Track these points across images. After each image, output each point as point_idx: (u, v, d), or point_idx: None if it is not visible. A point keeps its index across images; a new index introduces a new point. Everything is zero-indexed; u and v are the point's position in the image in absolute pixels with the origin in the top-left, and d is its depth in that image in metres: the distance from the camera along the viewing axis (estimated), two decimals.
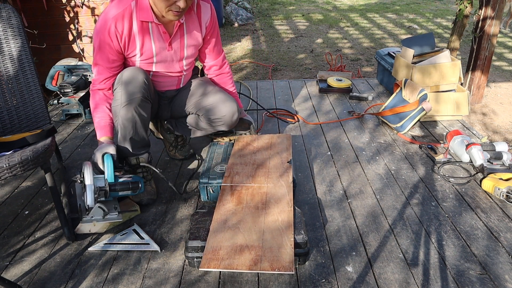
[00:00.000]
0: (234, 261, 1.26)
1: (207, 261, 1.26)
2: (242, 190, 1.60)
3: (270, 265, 1.24)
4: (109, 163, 1.50)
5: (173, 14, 1.51)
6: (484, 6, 3.00)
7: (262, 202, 1.52)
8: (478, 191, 1.80)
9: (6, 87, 1.67)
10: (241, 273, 1.35)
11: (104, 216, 1.46)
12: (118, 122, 1.60)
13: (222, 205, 1.52)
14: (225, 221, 1.43)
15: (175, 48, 1.70)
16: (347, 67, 4.50)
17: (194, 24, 1.71)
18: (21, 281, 1.34)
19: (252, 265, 1.24)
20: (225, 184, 1.64)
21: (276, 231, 1.37)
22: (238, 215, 1.46)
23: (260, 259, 1.26)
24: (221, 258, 1.27)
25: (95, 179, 1.45)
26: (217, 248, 1.31)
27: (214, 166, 1.77)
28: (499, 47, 5.33)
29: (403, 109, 2.33)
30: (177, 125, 1.99)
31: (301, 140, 2.29)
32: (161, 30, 1.62)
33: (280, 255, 1.27)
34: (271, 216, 1.44)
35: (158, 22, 1.58)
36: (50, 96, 2.91)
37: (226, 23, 6.66)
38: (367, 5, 8.26)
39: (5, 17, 1.67)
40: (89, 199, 1.42)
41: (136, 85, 1.57)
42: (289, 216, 1.43)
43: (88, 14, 3.36)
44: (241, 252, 1.29)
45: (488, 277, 1.33)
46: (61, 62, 2.61)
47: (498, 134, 3.07)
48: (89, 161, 1.48)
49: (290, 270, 1.22)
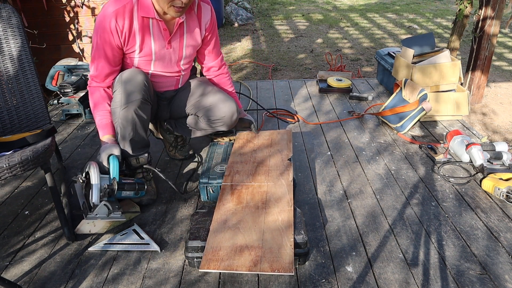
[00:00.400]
0: (234, 262, 1.26)
1: (207, 261, 1.26)
2: (242, 189, 1.60)
3: (269, 266, 1.24)
4: (115, 164, 1.53)
5: (175, 10, 1.50)
6: (484, 6, 3.00)
7: (262, 202, 1.52)
8: (478, 191, 1.80)
9: (6, 87, 1.67)
10: (241, 273, 1.35)
11: (109, 214, 1.47)
12: (118, 123, 1.59)
13: (222, 205, 1.52)
14: (225, 221, 1.43)
15: (174, 47, 1.70)
16: (347, 67, 4.50)
17: (194, 24, 1.71)
18: (21, 281, 1.34)
19: (252, 266, 1.24)
20: (225, 183, 1.64)
21: (276, 231, 1.37)
22: (238, 214, 1.46)
23: (260, 260, 1.26)
24: (221, 259, 1.27)
25: (101, 178, 1.47)
26: (217, 249, 1.31)
27: (214, 166, 1.77)
28: (499, 47, 5.33)
29: (403, 109, 2.33)
30: (176, 126, 1.99)
31: (301, 140, 2.29)
32: (161, 27, 1.61)
33: (280, 255, 1.27)
34: (271, 216, 1.44)
35: (159, 18, 1.58)
36: (50, 96, 2.91)
37: (226, 23, 6.66)
38: (367, 5, 8.26)
39: (5, 17, 1.67)
40: (95, 197, 1.44)
41: (135, 86, 1.56)
42: (289, 216, 1.43)
43: (88, 14, 3.36)
44: (241, 252, 1.29)
45: (488, 277, 1.33)
46: (61, 62, 2.61)
47: (498, 134, 3.07)
48: (93, 161, 1.50)
49: (290, 271, 1.22)
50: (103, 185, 1.46)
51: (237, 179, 1.66)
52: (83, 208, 1.47)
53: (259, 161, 1.78)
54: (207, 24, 1.76)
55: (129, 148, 1.65)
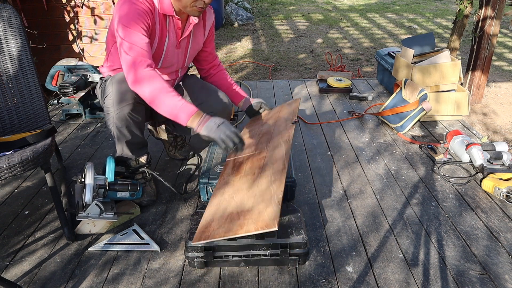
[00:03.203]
0: (221, 229, 1.21)
1: (199, 234, 1.24)
2: (243, 160, 1.56)
3: (254, 226, 1.16)
4: (111, 165, 1.54)
5: (197, 10, 1.47)
6: (484, 6, 3.00)
7: (259, 167, 1.45)
8: (478, 191, 1.80)
9: (6, 87, 1.67)
10: (241, 273, 1.35)
11: (100, 214, 1.47)
12: (113, 126, 1.55)
13: (222, 179, 1.50)
14: (222, 194, 1.41)
15: (182, 47, 1.66)
16: (347, 67, 4.50)
17: (200, 27, 1.69)
18: (21, 281, 1.34)
19: (238, 230, 1.18)
20: (228, 159, 1.61)
21: (267, 192, 1.28)
22: (235, 185, 1.42)
23: (247, 222, 1.19)
24: (212, 230, 1.24)
25: (95, 178, 1.48)
26: (211, 221, 1.29)
27: (214, 166, 1.77)
28: (499, 47, 5.32)
29: (403, 109, 2.33)
30: (175, 126, 1.98)
31: (301, 140, 2.29)
32: (176, 26, 1.57)
33: (266, 213, 1.19)
34: (265, 178, 1.37)
35: (177, 16, 1.54)
36: (50, 96, 2.91)
37: (226, 23, 6.65)
38: (367, 5, 8.26)
39: (5, 17, 1.67)
40: (88, 196, 1.44)
41: (128, 87, 1.48)
42: (282, 174, 1.31)
43: (88, 14, 3.36)
44: (231, 220, 1.24)
45: (488, 277, 1.33)
46: (61, 62, 2.61)
47: (498, 134, 3.07)
48: (91, 162, 1.51)
49: (273, 227, 1.11)
50: (96, 184, 1.48)
51: (239, 153, 1.60)
52: (76, 207, 1.47)
53: (265, 132, 1.70)
54: (210, 27, 1.75)
55: (127, 150, 1.64)
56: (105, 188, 1.50)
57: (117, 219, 1.53)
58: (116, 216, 1.51)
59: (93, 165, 1.50)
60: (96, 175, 1.50)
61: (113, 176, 1.54)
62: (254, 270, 1.37)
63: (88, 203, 1.45)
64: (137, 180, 1.72)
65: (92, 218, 1.47)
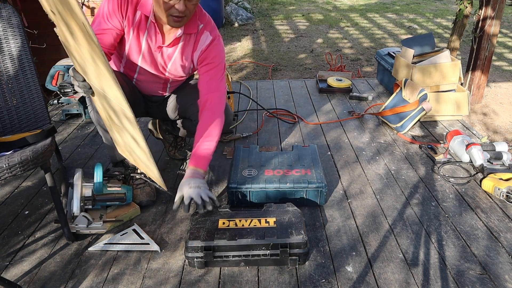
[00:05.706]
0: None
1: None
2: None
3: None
4: (99, 173, 1.56)
5: (174, 20, 1.42)
6: (484, 6, 2.99)
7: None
8: (478, 191, 1.80)
9: (6, 87, 1.67)
10: (241, 273, 1.36)
11: (88, 225, 1.50)
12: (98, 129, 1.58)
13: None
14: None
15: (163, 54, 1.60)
16: (347, 67, 4.50)
17: (189, 47, 1.60)
18: (21, 281, 1.34)
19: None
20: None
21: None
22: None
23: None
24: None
25: (83, 187, 1.52)
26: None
27: (242, 171, 1.74)
28: (499, 47, 5.33)
29: (403, 109, 2.33)
30: (173, 127, 1.98)
31: (301, 140, 2.29)
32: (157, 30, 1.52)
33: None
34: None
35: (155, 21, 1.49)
36: (50, 96, 2.91)
37: (226, 23, 6.65)
38: (367, 5, 8.25)
39: (5, 17, 1.67)
40: (75, 207, 1.48)
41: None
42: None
43: (88, 14, 3.37)
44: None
45: (488, 277, 1.33)
46: (61, 62, 2.61)
47: (498, 134, 3.07)
48: (81, 168, 1.54)
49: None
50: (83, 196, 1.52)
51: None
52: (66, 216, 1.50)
53: None
54: (201, 53, 1.62)
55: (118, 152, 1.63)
56: (92, 199, 1.53)
57: (105, 229, 1.53)
58: (104, 225, 1.53)
59: (82, 172, 1.53)
60: (85, 183, 1.54)
61: (101, 186, 1.55)
62: (254, 270, 1.37)
63: (76, 214, 1.48)
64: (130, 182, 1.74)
65: (81, 230, 1.50)
